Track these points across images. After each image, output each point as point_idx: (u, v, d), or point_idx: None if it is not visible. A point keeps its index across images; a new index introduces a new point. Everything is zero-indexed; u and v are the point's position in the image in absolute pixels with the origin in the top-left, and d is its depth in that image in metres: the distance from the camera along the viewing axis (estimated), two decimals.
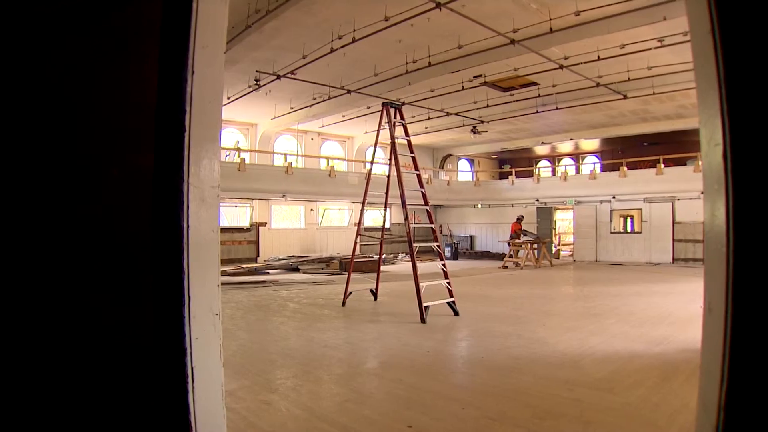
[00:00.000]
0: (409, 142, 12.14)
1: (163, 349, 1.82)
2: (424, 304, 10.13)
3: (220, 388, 2.02)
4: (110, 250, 1.78)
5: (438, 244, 11.75)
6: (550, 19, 13.33)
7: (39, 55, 1.72)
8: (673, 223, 24.43)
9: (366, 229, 28.08)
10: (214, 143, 1.98)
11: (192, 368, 1.85)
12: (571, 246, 30.11)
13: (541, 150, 35.18)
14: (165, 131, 1.84)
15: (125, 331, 1.80)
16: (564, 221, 34.35)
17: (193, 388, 1.86)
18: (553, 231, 29.85)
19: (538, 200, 29.15)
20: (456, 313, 10.77)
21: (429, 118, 24.47)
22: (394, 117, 11.99)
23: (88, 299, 1.75)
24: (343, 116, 24.44)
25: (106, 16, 1.85)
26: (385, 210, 13.56)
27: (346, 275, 13.02)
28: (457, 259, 28.57)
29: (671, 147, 26.33)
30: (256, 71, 17.37)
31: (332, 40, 14.54)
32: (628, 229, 27.33)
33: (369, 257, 22.51)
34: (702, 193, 1.56)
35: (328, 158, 28.98)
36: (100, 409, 1.77)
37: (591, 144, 32.85)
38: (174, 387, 1.84)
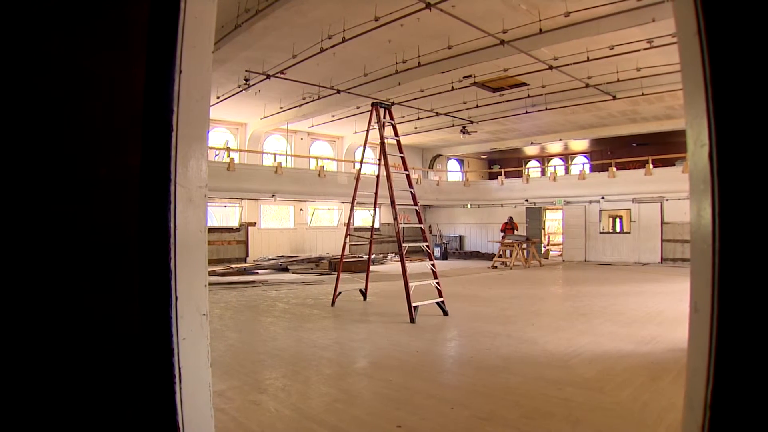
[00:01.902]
0: (398, 142, 12.15)
1: (150, 350, 1.81)
2: (414, 304, 10.14)
3: (208, 389, 2.01)
4: (97, 250, 1.77)
5: (427, 244, 11.77)
6: (540, 20, 13.36)
7: (25, 55, 1.71)
8: (662, 223, 24.55)
9: (355, 229, 28.06)
10: (201, 143, 1.97)
11: (179, 368, 1.85)
12: (561, 246, 30.22)
13: (530, 150, 35.27)
14: (152, 131, 1.83)
15: (112, 331, 1.79)
16: (553, 221, 34.45)
17: (180, 388, 1.86)
18: (543, 231, 29.91)
19: (527, 200, 29.22)
20: (445, 313, 10.78)
21: (418, 119, 24.49)
22: (384, 117, 11.99)
23: (74, 299, 1.74)
24: (333, 116, 24.41)
25: (93, 15, 1.84)
26: (375, 210, 13.58)
27: (336, 275, 13.01)
28: (446, 259, 28.58)
29: (660, 147, 26.45)
30: (246, 71, 17.32)
31: (322, 40, 14.52)
32: (617, 230, 27.41)
33: (358, 257, 22.49)
34: None
35: (317, 158, 28.91)
36: (86, 409, 1.76)
37: (580, 144, 32.97)
38: (161, 387, 1.83)
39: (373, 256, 15.16)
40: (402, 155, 12.05)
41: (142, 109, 1.83)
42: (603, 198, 26.38)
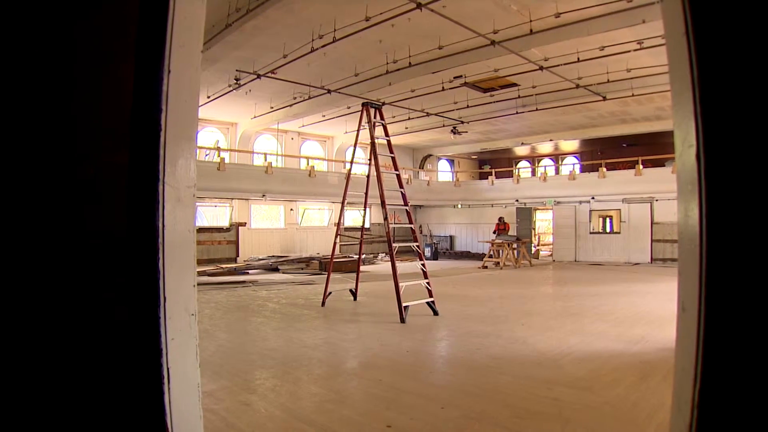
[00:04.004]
0: (389, 142, 12.14)
1: (138, 350, 1.80)
2: (404, 304, 10.14)
3: (197, 389, 2.00)
4: (84, 250, 1.77)
5: (417, 244, 11.77)
6: (531, 21, 13.38)
7: (14, 54, 1.70)
8: (652, 223, 24.65)
9: (346, 229, 28.05)
10: (190, 142, 1.96)
11: (168, 369, 1.84)
12: (551, 246, 30.29)
13: (520, 151, 35.35)
14: (141, 130, 1.83)
15: (99, 331, 1.78)
16: (543, 221, 34.53)
17: (169, 389, 1.85)
18: (533, 231, 29.97)
19: (517, 200, 29.28)
20: (435, 313, 10.79)
21: (409, 119, 24.49)
22: (374, 117, 11.98)
23: (61, 299, 1.73)
24: (324, 116, 24.37)
25: (82, 14, 1.83)
26: (365, 210, 13.57)
27: (326, 275, 12.98)
28: (436, 259, 28.61)
29: (650, 148, 26.55)
30: (237, 70, 17.27)
31: (313, 40, 14.50)
32: (607, 230, 27.46)
33: (349, 257, 22.49)
34: None
35: (308, 158, 28.86)
36: (74, 410, 1.75)
37: (570, 145, 33.06)
38: (150, 388, 1.83)
39: (363, 256, 15.16)
40: (392, 155, 12.05)
41: (130, 109, 1.83)
42: (593, 198, 26.46)
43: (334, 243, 13.20)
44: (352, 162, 13.30)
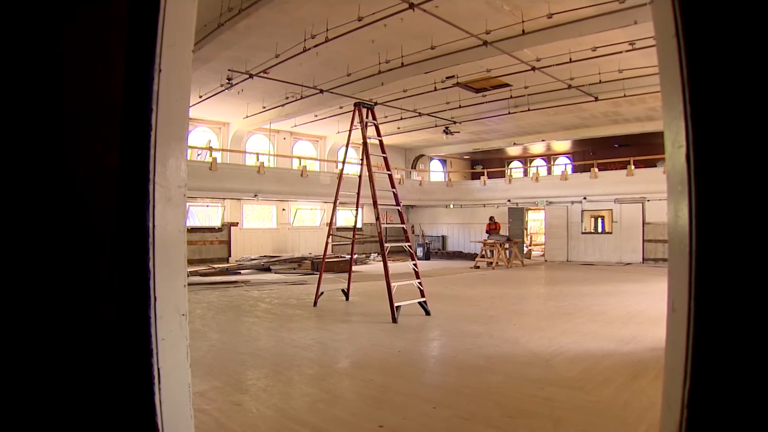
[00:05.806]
0: (381, 142, 12.14)
1: (128, 351, 1.80)
2: (396, 304, 10.14)
3: (188, 389, 2.00)
4: (74, 250, 1.76)
5: (409, 244, 11.76)
6: (523, 21, 13.41)
7: (1, 53, 1.69)
8: (643, 223, 24.73)
9: (338, 229, 28.05)
10: (180, 142, 1.95)
11: (158, 369, 1.83)
12: (543, 246, 30.32)
13: (513, 151, 35.43)
14: (131, 130, 1.82)
15: (89, 332, 1.77)
16: (535, 222, 34.59)
17: (159, 389, 1.84)
18: (525, 231, 30.02)
19: (509, 201, 29.31)
20: (427, 312, 10.80)
21: (401, 119, 24.51)
22: (367, 117, 11.97)
23: (51, 300, 1.72)
24: (316, 116, 24.35)
25: (71, 13, 1.82)
26: (357, 210, 13.56)
27: (318, 275, 12.99)
28: (429, 259, 28.65)
29: (642, 148, 26.66)
30: (229, 70, 17.23)
31: (305, 40, 14.49)
32: (599, 230, 27.50)
33: (341, 257, 22.46)
34: None
35: (300, 158, 28.84)
36: (64, 411, 1.74)
37: (562, 145, 33.16)
38: (140, 388, 1.82)
39: (355, 256, 15.17)
40: (384, 155, 12.05)
41: (120, 108, 1.82)
42: (585, 198, 26.51)
43: (326, 243, 13.18)
44: (344, 162, 13.29)
